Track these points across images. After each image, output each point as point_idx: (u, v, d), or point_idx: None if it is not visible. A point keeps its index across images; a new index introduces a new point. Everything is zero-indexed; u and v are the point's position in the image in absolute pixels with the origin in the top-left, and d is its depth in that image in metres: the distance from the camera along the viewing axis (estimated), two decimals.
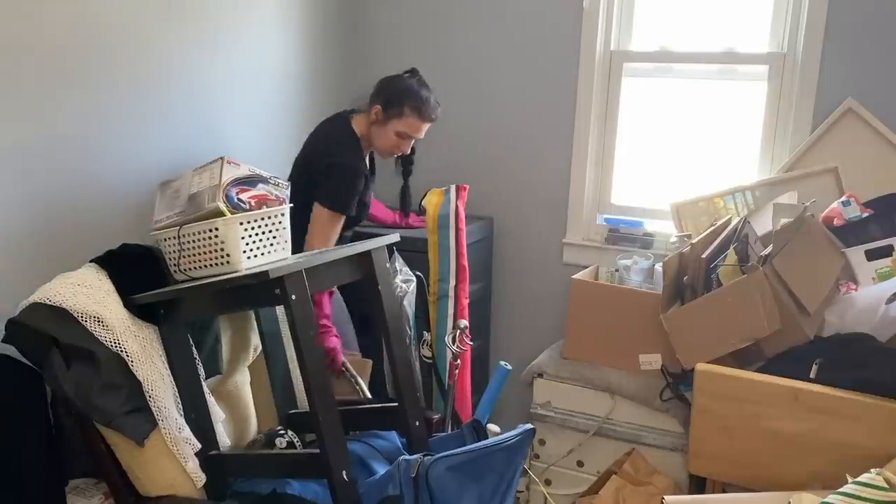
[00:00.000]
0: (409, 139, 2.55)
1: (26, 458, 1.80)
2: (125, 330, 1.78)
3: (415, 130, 2.53)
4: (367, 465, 1.87)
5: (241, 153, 2.50)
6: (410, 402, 1.91)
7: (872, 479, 1.74)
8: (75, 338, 1.72)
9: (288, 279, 1.60)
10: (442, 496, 1.54)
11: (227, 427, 2.02)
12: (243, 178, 1.87)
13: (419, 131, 2.55)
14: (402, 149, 2.57)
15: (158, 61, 2.41)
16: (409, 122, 2.50)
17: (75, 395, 1.71)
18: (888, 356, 2.10)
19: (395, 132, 2.51)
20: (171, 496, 1.78)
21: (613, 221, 3.07)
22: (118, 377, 1.75)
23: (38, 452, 1.82)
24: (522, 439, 1.65)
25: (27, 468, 1.79)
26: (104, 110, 2.24)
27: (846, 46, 2.67)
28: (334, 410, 1.64)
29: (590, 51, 3.01)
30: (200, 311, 1.90)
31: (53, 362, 1.72)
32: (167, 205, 1.94)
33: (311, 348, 1.63)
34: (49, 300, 1.74)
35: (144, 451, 1.75)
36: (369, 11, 3.37)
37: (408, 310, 2.55)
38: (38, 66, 2.03)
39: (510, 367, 2.30)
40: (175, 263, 1.90)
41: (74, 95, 2.14)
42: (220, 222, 1.78)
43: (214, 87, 2.64)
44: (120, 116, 2.28)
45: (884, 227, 2.42)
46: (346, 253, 1.83)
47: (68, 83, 2.12)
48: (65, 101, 2.09)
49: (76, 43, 2.14)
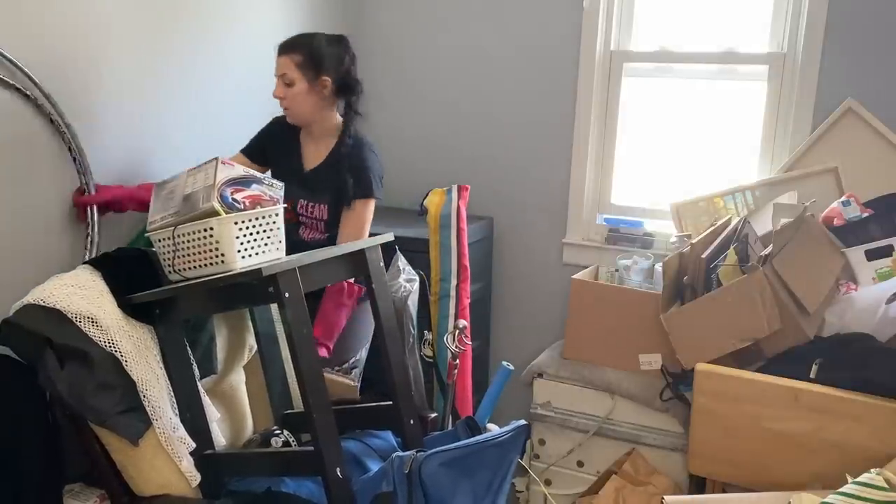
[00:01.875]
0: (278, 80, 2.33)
1: (25, 456, 1.80)
2: (119, 330, 1.78)
3: (276, 66, 2.32)
4: (361, 463, 1.88)
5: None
6: (405, 401, 1.91)
7: (872, 479, 1.74)
8: (69, 338, 1.72)
9: (281, 277, 1.60)
10: (435, 492, 1.54)
11: (223, 427, 2.02)
12: (237, 178, 1.87)
13: (277, 65, 2.31)
14: (274, 92, 2.34)
15: (155, 62, 2.41)
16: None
17: (69, 395, 1.70)
18: (888, 356, 2.09)
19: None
20: (166, 495, 1.77)
21: (613, 221, 3.06)
22: (112, 377, 1.74)
23: (36, 452, 1.82)
24: (515, 435, 1.66)
25: (26, 467, 1.80)
26: (101, 110, 2.24)
27: (846, 46, 2.66)
28: (328, 407, 1.64)
29: (590, 51, 3.01)
30: (196, 310, 1.91)
31: (47, 362, 1.71)
32: (162, 205, 1.94)
33: (304, 346, 1.63)
34: (43, 301, 1.74)
35: (139, 450, 1.75)
36: (369, 11, 3.37)
37: (411, 309, 2.54)
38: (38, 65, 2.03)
39: (512, 368, 2.30)
40: (170, 264, 1.90)
41: (72, 96, 2.14)
42: (214, 222, 1.78)
43: (212, 87, 2.64)
44: (116, 117, 2.29)
45: (884, 227, 2.42)
46: (340, 252, 1.84)
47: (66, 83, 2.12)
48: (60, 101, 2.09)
49: (75, 42, 2.14)
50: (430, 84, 3.31)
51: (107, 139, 2.26)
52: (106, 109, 2.26)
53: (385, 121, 3.39)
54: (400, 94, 3.36)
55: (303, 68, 2.26)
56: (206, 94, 2.61)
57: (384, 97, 3.38)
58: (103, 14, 2.21)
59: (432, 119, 3.31)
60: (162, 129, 2.46)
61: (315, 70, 2.27)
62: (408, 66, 3.31)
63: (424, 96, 3.33)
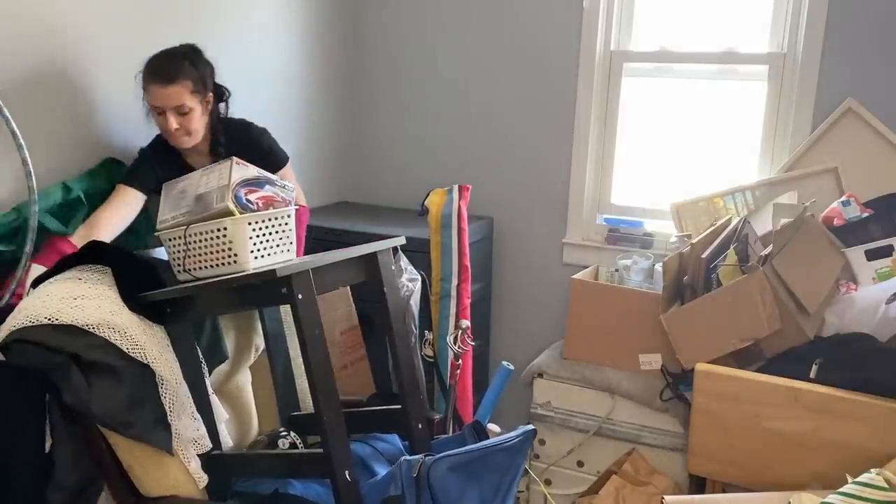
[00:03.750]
0: (160, 112, 2.13)
1: (20, 463, 1.74)
2: (141, 333, 1.75)
3: (156, 98, 2.11)
4: (368, 467, 1.88)
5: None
6: (414, 405, 1.91)
7: (872, 479, 1.75)
8: (94, 351, 1.68)
9: (295, 279, 1.60)
10: (443, 496, 1.54)
11: (229, 427, 2.02)
12: (251, 179, 1.87)
13: (160, 97, 2.10)
14: (165, 126, 2.15)
15: None
16: (150, 91, 2.11)
17: (102, 414, 1.67)
18: (888, 356, 2.10)
19: (149, 109, 2.17)
20: (173, 496, 1.77)
21: (613, 221, 3.07)
22: (139, 389, 1.72)
23: (32, 460, 1.76)
24: (523, 440, 1.66)
25: (22, 477, 1.75)
26: (99, 111, 2.24)
27: (846, 46, 2.67)
28: (338, 410, 1.64)
29: (590, 51, 3.01)
30: (207, 310, 1.90)
31: (74, 380, 1.66)
32: (172, 205, 1.94)
33: (316, 348, 1.63)
34: (56, 319, 1.68)
35: (147, 451, 1.74)
36: (368, 12, 3.37)
37: (413, 308, 2.55)
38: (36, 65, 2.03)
39: (512, 368, 2.31)
40: (180, 263, 1.90)
41: (70, 95, 2.14)
42: (228, 222, 1.79)
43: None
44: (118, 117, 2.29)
45: (884, 227, 2.43)
46: (353, 254, 1.84)
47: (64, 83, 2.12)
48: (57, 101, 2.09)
49: (75, 42, 2.14)
50: (429, 84, 3.31)
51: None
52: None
53: (385, 121, 3.40)
54: (399, 94, 3.36)
55: (195, 93, 2.13)
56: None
57: (384, 97, 3.38)
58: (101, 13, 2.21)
59: (432, 119, 3.32)
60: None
61: (204, 90, 2.16)
62: (407, 66, 3.31)
63: (424, 96, 3.33)
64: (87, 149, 2.21)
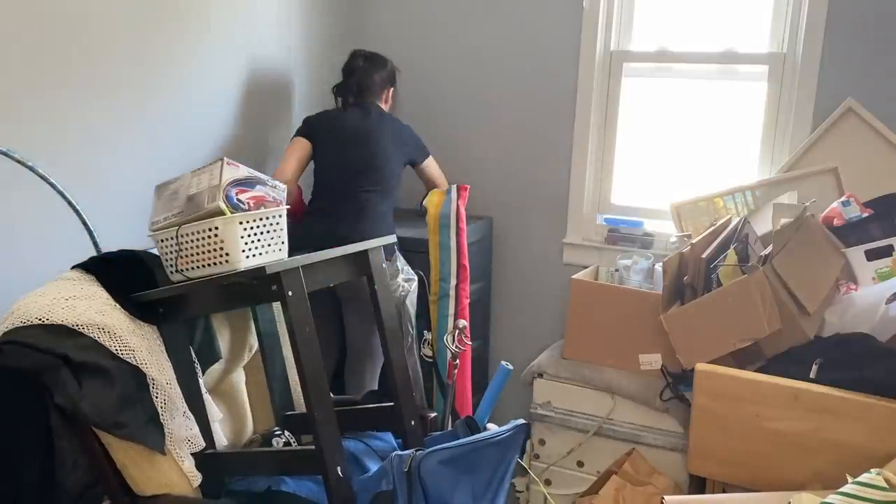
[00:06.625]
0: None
1: (25, 465, 1.75)
2: (131, 333, 1.75)
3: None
4: (361, 464, 1.88)
5: (238, 154, 2.51)
6: (406, 402, 1.92)
7: (872, 479, 1.74)
8: (85, 352, 1.68)
9: (285, 276, 1.61)
10: (435, 490, 1.54)
11: (224, 427, 2.01)
12: (242, 179, 1.87)
13: None
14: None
15: (154, 63, 2.41)
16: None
17: (94, 415, 1.66)
18: (888, 356, 2.09)
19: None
20: (167, 495, 1.76)
21: (613, 221, 3.06)
22: (131, 389, 1.72)
23: (36, 461, 1.77)
24: (514, 434, 1.66)
25: (26, 477, 1.75)
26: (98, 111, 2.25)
27: (846, 46, 2.67)
28: (330, 406, 1.65)
29: (590, 51, 3.01)
30: (200, 309, 1.90)
31: (65, 382, 1.65)
32: (164, 206, 1.94)
33: (307, 344, 1.63)
34: (46, 319, 1.68)
35: (141, 450, 1.74)
36: (369, 12, 3.38)
37: (410, 309, 2.55)
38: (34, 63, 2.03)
39: (512, 368, 2.30)
40: (172, 264, 1.90)
41: (69, 95, 2.14)
42: (219, 221, 1.79)
43: (212, 88, 2.64)
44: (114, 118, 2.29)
45: (884, 227, 2.42)
46: (343, 252, 1.85)
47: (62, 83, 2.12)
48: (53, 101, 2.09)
49: (73, 41, 2.14)
50: (429, 84, 3.31)
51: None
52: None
53: None
54: (399, 93, 3.36)
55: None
56: (204, 94, 2.61)
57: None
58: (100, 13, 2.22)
59: (432, 119, 3.31)
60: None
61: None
62: (408, 67, 3.30)
63: (424, 96, 3.33)
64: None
